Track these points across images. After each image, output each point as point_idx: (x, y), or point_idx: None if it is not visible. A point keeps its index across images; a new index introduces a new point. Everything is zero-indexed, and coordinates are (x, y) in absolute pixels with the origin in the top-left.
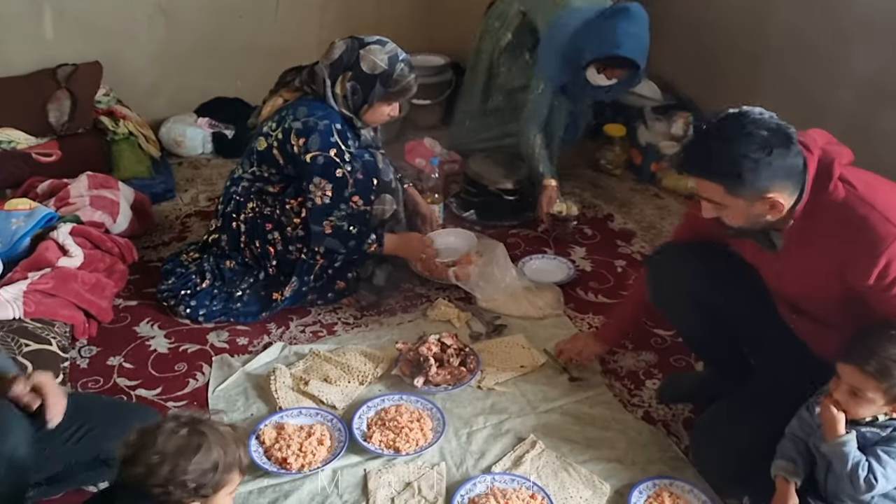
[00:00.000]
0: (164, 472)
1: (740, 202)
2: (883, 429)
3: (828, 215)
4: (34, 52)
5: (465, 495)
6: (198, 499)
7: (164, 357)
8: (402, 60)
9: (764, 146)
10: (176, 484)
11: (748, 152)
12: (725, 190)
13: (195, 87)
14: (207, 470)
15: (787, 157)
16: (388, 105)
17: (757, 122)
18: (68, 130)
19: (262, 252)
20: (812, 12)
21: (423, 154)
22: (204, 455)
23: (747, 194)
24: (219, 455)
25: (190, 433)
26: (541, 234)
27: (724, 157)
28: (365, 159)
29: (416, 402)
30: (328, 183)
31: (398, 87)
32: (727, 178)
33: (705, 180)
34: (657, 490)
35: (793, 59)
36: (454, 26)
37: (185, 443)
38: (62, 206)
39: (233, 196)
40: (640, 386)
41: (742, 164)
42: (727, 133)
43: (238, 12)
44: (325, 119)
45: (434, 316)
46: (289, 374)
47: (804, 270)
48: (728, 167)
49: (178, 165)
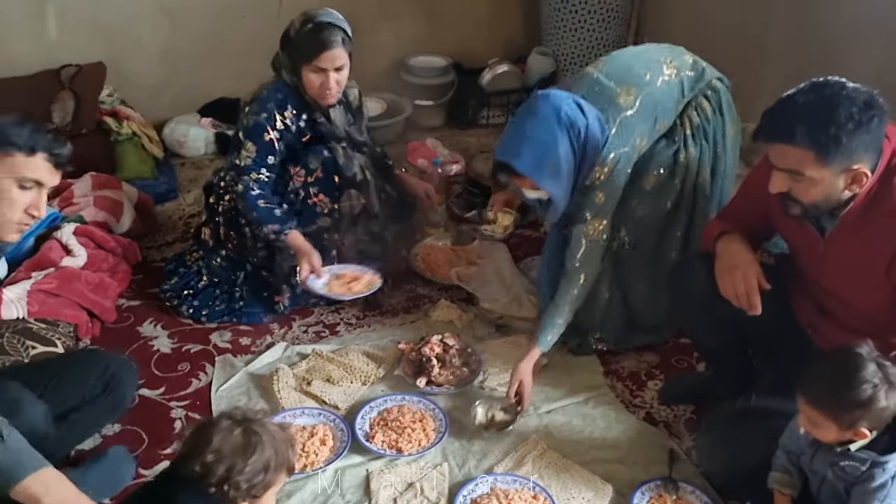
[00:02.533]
0: (221, 472)
1: (826, 172)
2: (862, 462)
3: (887, 206)
4: (38, 53)
5: (468, 496)
6: (248, 498)
7: (167, 357)
8: (316, 19)
9: (865, 113)
10: (231, 484)
11: (851, 114)
12: (816, 157)
13: (198, 88)
14: (260, 470)
15: (880, 128)
16: (312, 73)
17: (856, 90)
18: (72, 131)
19: (240, 244)
20: (813, 12)
21: (426, 155)
22: (258, 455)
23: (838, 163)
24: (270, 455)
25: (245, 432)
26: (542, 234)
27: (823, 120)
28: (324, 157)
29: (418, 403)
30: (252, 143)
31: (306, 47)
32: (823, 143)
33: (793, 146)
34: (659, 491)
35: (793, 59)
36: (456, 28)
37: (241, 442)
38: (66, 206)
39: (213, 187)
40: (641, 387)
41: (844, 126)
42: (826, 96)
43: (241, 12)
44: (270, 89)
45: (436, 316)
46: (291, 375)
47: (850, 259)
48: (827, 130)
49: (182, 166)
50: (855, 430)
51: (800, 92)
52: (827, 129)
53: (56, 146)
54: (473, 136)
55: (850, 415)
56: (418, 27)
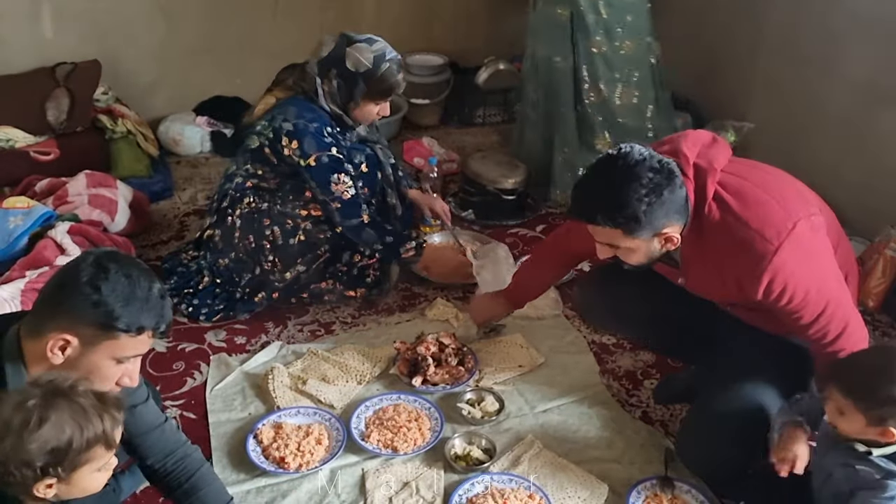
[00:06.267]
0: (5, 449)
1: (638, 241)
2: (878, 470)
3: (710, 236)
4: (33, 51)
5: (464, 495)
6: (49, 479)
7: (161, 356)
8: (389, 60)
9: (655, 188)
10: (17, 463)
11: (641, 196)
12: (623, 233)
13: (194, 86)
14: (58, 448)
15: (675, 192)
16: (374, 104)
17: (640, 163)
18: (67, 129)
19: (257, 247)
20: (808, 12)
21: (422, 153)
22: (50, 432)
23: (645, 233)
24: (71, 431)
25: (38, 406)
26: (539, 235)
27: (618, 203)
28: (367, 153)
29: (414, 402)
30: (345, 176)
31: (382, 86)
32: (623, 223)
33: (601, 226)
34: (655, 490)
35: (789, 58)
36: (453, 26)
37: (25, 418)
38: (60, 204)
39: (227, 192)
40: (637, 386)
41: (637, 207)
42: (616, 179)
43: (236, 11)
44: (316, 122)
45: (432, 315)
46: (287, 374)
47: (708, 283)
48: (624, 211)
49: (177, 164)
50: (882, 429)
51: (594, 173)
52: (623, 210)
53: (163, 322)
54: (469, 135)
55: (881, 409)
56: (414, 26)
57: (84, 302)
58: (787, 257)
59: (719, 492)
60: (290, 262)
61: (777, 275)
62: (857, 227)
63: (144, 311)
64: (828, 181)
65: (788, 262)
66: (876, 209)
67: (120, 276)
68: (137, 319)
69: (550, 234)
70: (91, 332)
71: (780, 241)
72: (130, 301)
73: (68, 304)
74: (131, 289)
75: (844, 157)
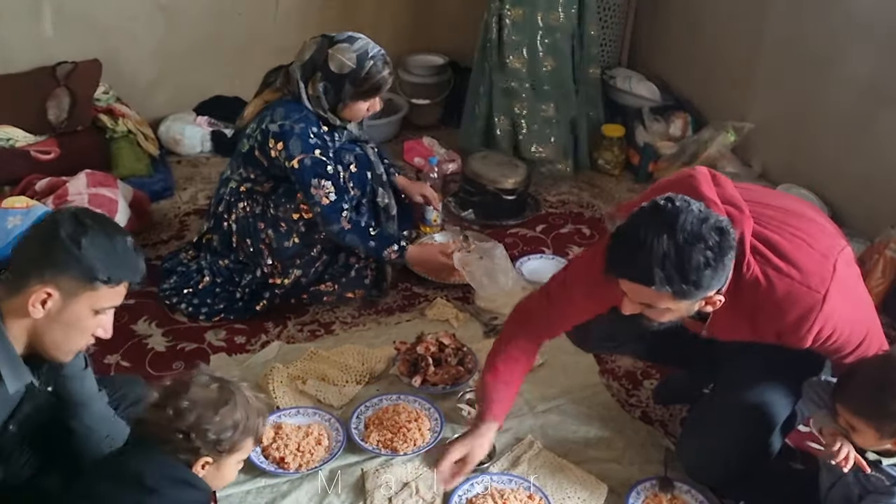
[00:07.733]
0: (191, 419)
1: (682, 304)
2: (889, 478)
3: (748, 291)
4: (33, 50)
5: (463, 495)
6: (213, 454)
7: (161, 355)
8: (373, 57)
9: (719, 252)
10: (199, 432)
11: (708, 260)
12: (673, 296)
13: (194, 86)
14: (229, 426)
15: (733, 254)
16: (363, 102)
17: (704, 221)
18: (67, 128)
19: (255, 251)
20: (809, 13)
21: (422, 153)
22: (229, 411)
23: (696, 298)
24: (242, 416)
25: (221, 389)
26: (539, 233)
27: (681, 268)
28: (357, 153)
29: (413, 402)
30: (326, 180)
31: (368, 84)
32: (682, 289)
33: (650, 288)
34: (654, 490)
35: (790, 59)
36: (453, 26)
37: (216, 396)
38: (60, 203)
39: (223, 197)
40: (637, 386)
41: (703, 272)
42: (680, 241)
43: (237, 10)
44: (302, 122)
45: (432, 315)
46: (286, 374)
47: (737, 333)
48: (687, 277)
49: (177, 164)
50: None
51: (651, 229)
52: (686, 276)
53: (139, 274)
54: None
55: (892, 424)
56: (414, 25)
57: (66, 255)
58: (835, 303)
59: (720, 492)
60: (289, 265)
61: (827, 322)
62: (857, 227)
63: (123, 264)
64: (828, 181)
65: (836, 307)
66: (876, 209)
67: (98, 231)
68: (117, 271)
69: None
70: (72, 284)
71: (826, 287)
72: (110, 254)
73: (49, 258)
74: (110, 242)
75: (844, 157)
